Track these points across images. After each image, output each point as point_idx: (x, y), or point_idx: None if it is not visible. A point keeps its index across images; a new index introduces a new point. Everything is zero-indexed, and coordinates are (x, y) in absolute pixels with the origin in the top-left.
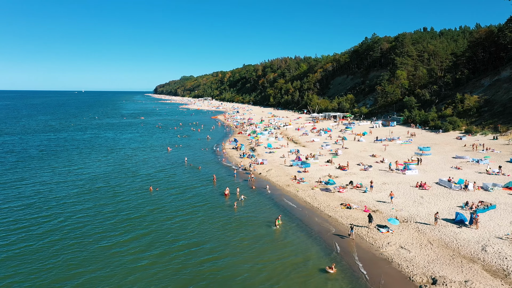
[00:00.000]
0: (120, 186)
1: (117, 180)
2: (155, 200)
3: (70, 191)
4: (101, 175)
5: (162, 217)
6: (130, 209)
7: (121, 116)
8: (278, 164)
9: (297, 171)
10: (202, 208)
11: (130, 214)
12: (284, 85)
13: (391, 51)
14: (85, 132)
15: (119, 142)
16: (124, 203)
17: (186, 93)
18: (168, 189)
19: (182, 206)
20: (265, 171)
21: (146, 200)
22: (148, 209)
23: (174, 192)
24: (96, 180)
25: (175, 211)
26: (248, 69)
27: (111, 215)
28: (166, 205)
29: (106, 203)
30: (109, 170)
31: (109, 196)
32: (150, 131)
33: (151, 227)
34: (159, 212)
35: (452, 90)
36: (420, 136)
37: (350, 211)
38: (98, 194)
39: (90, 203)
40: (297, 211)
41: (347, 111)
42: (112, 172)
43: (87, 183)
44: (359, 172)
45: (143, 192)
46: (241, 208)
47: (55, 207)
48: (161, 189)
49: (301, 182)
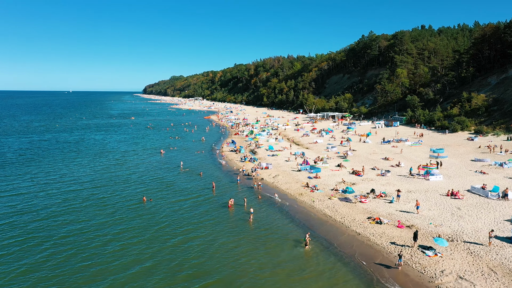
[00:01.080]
0: (109, 197)
1: (106, 189)
2: (149, 214)
3: (50, 205)
4: (87, 184)
5: (160, 237)
6: (121, 227)
7: (109, 116)
8: (284, 169)
9: (307, 177)
10: (207, 224)
11: (121, 234)
12: (278, 84)
13: (390, 49)
14: (71, 134)
15: (108, 144)
16: (113, 218)
17: (176, 93)
18: (164, 200)
19: (182, 222)
20: (272, 177)
21: (140, 214)
22: (143, 226)
23: (171, 203)
24: (82, 190)
25: (174, 228)
26: (240, 69)
27: (98, 236)
28: (163, 220)
29: (92, 220)
30: (97, 178)
31: (96, 211)
32: (141, 132)
33: (148, 251)
34: (156, 229)
35: (457, 88)
36: (428, 137)
37: (381, 227)
38: (83, 207)
39: (73, 220)
40: (318, 227)
41: (345, 111)
42: (100, 179)
43: (70, 194)
44: (376, 178)
45: (135, 203)
46: (252, 223)
47: (30, 225)
48: (156, 199)
49: (315, 190)
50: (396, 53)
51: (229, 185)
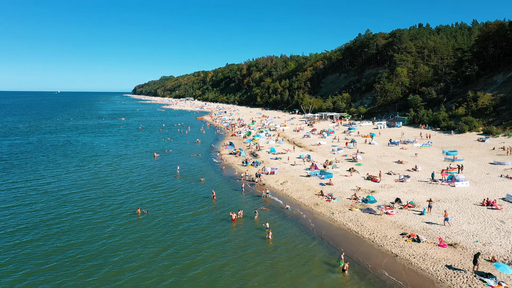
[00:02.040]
0: (98, 209)
1: (94, 200)
2: (145, 230)
3: (28, 220)
4: (74, 193)
5: (159, 262)
6: (111, 248)
7: (98, 117)
8: (291, 174)
9: (319, 184)
10: (215, 244)
11: (111, 257)
12: (272, 84)
13: (388, 47)
14: (58, 136)
15: (97, 147)
16: (102, 237)
17: (167, 93)
18: (161, 212)
19: (184, 241)
20: (279, 184)
21: (134, 231)
22: (138, 248)
23: (169, 215)
24: (67, 201)
25: (176, 250)
26: (232, 68)
27: (83, 260)
28: (161, 238)
29: (77, 238)
30: (84, 186)
31: (82, 226)
32: (132, 133)
33: (144, 284)
34: (154, 252)
35: (461, 87)
36: (435, 138)
37: (420, 246)
38: (68, 223)
39: (54, 240)
40: (346, 246)
41: (343, 111)
42: (88, 188)
43: (53, 207)
44: (395, 184)
45: (128, 216)
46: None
47: (5, 243)
48: (152, 211)
49: (331, 199)
50: (395, 52)
51: (232, 193)
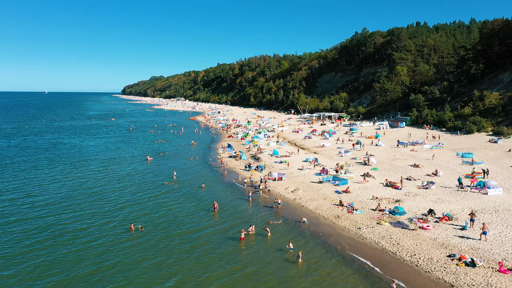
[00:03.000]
0: (86, 224)
1: (82, 214)
2: (140, 251)
3: (4, 236)
4: (58, 206)
5: None
6: (101, 276)
7: (87, 117)
8: (300, 180)
9: (334, 191)
10: (226, 272)
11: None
12: (266, 84)
13: (387, 46)
14: (42, 138)
15: (85, 151)
16: (90, 260)
17: (157, 93)
18: (157, 227)
19: (189, 267)
20: (290, 192)
21: (127, 252)
22: (134, 276)
23: (167, 231)
24: (49, 215)
25: (180, 282)
26: (224, 68)
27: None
28: (159, 261)
29: (61, 260)
30: (70, 195)
31: (67, 245)
32: (123, 135)
33: None
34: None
35: (465, 86)
36: (443, 139)
37: (477, 272)
38: (51, 239)
39: (37, 258)
40: (386, 270)
41: (341, 111)
42: (74, 199)
43: (33, 223)
44: (419, 191)
45: (120, 234)
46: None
47: None
48: (147, 227)
49: (353, 210)
50: (394, 50)
51: (236, 203)
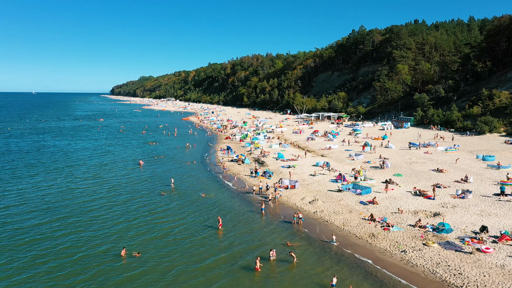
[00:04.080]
0: (69, 247)
1: (65, 233)
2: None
3: None
4: (38, 223)
5: None
6: None
7: (74, 118)
8: (316, 188)
9: (359, 202)
10: None
11: None
12: (259, 83)
13: (386, 43)
14: (25, 140)
15: (72, 155)
16: None
17: (146, 93)
18: (154, 252)
19: None
20: (307, 203)
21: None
22: None
23: (166, 257)
24: (27, 234)
25: None
26: (215, 68)
27: None
28: None
29: None
30: (53, 210)
31: (47, 275)
32: (113, 137)
33: None
34: None
35: (471, 85)
36: (454, 141)
37: None
38: (26, 267)
39: None
40: None
41: (340, 111)
42: (56, 214)
43: (9, 243)
44: (456, 202)
45: (110, 262)
46: None
47: None
48: (144, 251)
49: (389, 227)
50: (393, 48)
51: (246, 218)
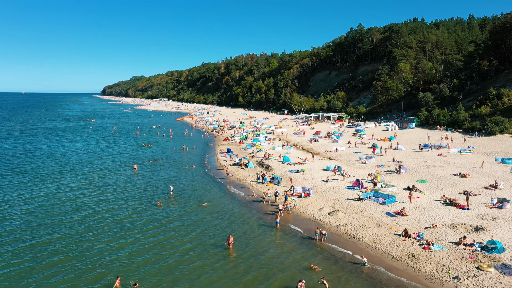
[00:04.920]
0: (55, 274)
1: (50, 253)
2: None
3: None
4: (18, 237)
5: None
6: None
7: (64, 119)
8: (333, 196)
9: (384, 213)
10: None
11: None
12: (254, 83)
13: (386, 42)
14: (11, 142)
15: (60, 159)
16: None
17: (138, 94)
18: (157, 279)
19: None
20: (326, 214)
21: None
22: None
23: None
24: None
25: None
26: (209, 67)
27: None
28: None
29: None
30: (36, 227)
31: None
32: (104, 138)
33: None
34: None
35: (477, 84)
36: (466, 142)
37: None
38: None
39: None
40: None
41: (339, 111)
42: (39, 230)
43: None
44: (493, 212)
45: None
46: None
47: None
48: (142, 280)
49: (430, 245)
50: (394, 47)
51: (258, 233)
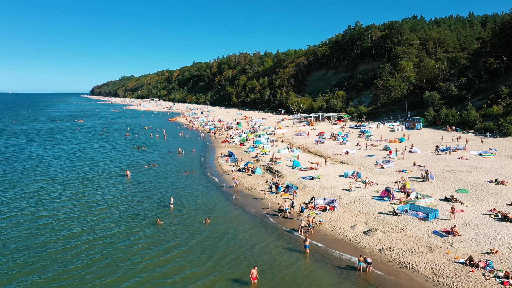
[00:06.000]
0: None
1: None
2: None
3: None
4: None
5: None
6: None
7: (51, 119)
8: (362, 209)
9: (431, 232)
10: None
11: None
12: (248, 82)
13: (387, 39)
14: None
15: (45, 165)
16: None
17: (128, 93)
18: None
19: None
20: (361, 233)
21: None
22: None
23: None
24: None
25: None
26: (200, 67)
27: None
28: None
29: None
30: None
31: None
32: (94, 140)
33: None
34: None
35: (486, 82)
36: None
37: None
38: None
39: None
40: None
41: (339, 111)
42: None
43: None
44: None
45: None
46: None
47: None
48: None
49: (509, 279)
50: (394, 44)
51: (286, 258)
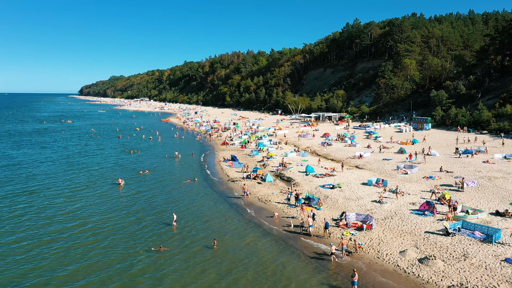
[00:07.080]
0: None
1: None
2: None
3: None
4: None
5: None
6: None
7: (38, 120)
8: (401, 227)
9: (503, 260)
10: None
11: None
12: (242, 81)
13: (387, 37)
14: None
15: (27, 173)
16: None
17: (117, 93)
18: None
19: None
20: (416, 262)
21: None
22: None
23: None
24: None
25: None
26: (192, 66)
27: None
28: None
29: None
30: None
31: None
32: (82, 143)
33: None
34: None
35: (497, 81)
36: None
37: None
38: None
39: None
40: None
41: (340, 111)
42: None
43: None
44: None
45: None
46: None
47: None
48: None
49: None
50: (396, 42)
51: None
